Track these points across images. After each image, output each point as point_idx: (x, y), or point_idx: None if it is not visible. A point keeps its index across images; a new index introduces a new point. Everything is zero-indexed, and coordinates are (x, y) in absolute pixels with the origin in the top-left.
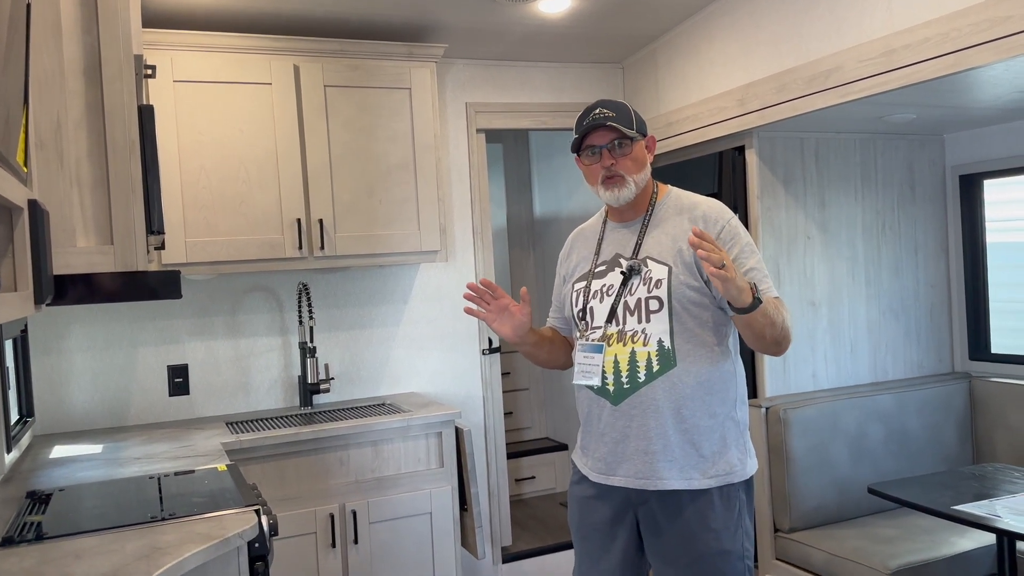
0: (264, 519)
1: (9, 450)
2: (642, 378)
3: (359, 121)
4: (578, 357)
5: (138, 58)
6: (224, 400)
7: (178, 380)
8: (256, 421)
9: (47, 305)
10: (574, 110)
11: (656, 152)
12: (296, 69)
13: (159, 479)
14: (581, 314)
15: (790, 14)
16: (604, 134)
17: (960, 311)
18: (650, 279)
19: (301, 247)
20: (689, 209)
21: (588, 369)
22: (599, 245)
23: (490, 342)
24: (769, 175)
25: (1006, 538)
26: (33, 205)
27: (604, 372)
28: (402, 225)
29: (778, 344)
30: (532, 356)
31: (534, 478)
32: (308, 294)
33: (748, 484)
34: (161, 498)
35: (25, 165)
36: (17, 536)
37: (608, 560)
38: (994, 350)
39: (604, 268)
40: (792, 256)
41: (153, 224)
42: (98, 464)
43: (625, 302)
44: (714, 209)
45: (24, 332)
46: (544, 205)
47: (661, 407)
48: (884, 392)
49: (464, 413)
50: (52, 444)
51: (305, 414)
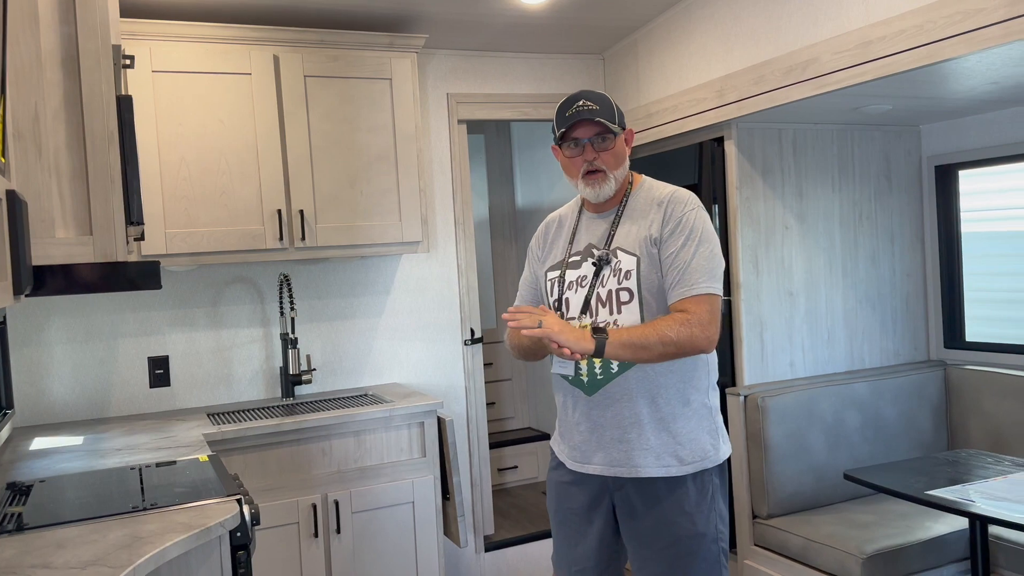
0: (246, 509)
1: None
2: (615, 369)
3: (340, 112)
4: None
5: (116, 48)
6: (205, 391)
7: (159, 372)
8: (238, 412)
9: (26, 296)
10: (555, 101)
11: (636, 143)
12: (276, 59)
13: (140, 470)
14: (557, 304)
15: (768, 6)
16: (588, 128)
17: (935, 300)
18: (620, 270)
19: (282, 238)
20: (657, 199)
21: (563, 360)
22: (573, 234)
23: (472, 332)
24: (747, 166)
25: (979, 522)
26: (11, 196)
27: (578, 363)
28: (383, 216)
29: (674, 356)
30: (532, 354)
31: (516, 468)
32: (289, 285)
33: (721, 468)
34: (143, 489)
35: (3, 156)
36: None
37: (585, 544)
38: (969, 338)
39: (578, 258)
40: (770, 246)
41: (132, 215)
42: (79, 455)
43: (597, 293)
44: (679, 199)
45: (2, 324)
46: (526, 196)
47: (635, 396)
48: (860, 380)
49: (447, 403)
50: (32, 436)
51: (287, 405)
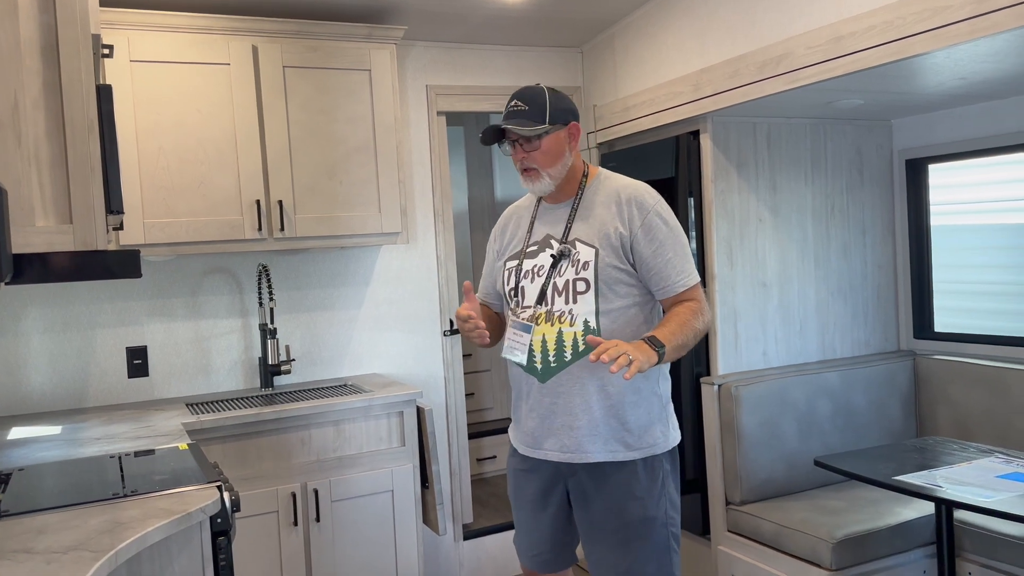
0: (226, 495)
1: None
2: (568, 357)
3: (319, 102)
4: (508, 333)
5: (96, 37)
6: (184, 381)
7: (137, 362)
8: (217, 402)
9: (6, 284)
10: None
11: (614, 136)
12: (255, 50)
13: (120, 458)
14: (513, 292)
15: (744, 0)
16: (513, 130)
17: (905, 291)
18: (578, 261)
19: (261, 229)
20: (616, 192)
21: (516, 346)
22: (532, 225)
23: (451, 323)
24: (723, 159)
25: (944, 507)
26: None
27: (532, 351)
28: (363, 207)
29: (696, 343)
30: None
31: (495, 457)
32: (268, 276)
33: (672, 455)
34: (123, 476)
35: None
36: None
37: (540, 530)
38: (937, 329)
39: (535, 248)
40: (744, 238)
41: (112, 204)
42: (58, 444)
43: (554, 283)
44: (639, 194)
45: None
46: (505, 188)
47: (587, 384)
48: (832, 369)
49: (426, 393)
50: (9, 426)
51: (266, 395)
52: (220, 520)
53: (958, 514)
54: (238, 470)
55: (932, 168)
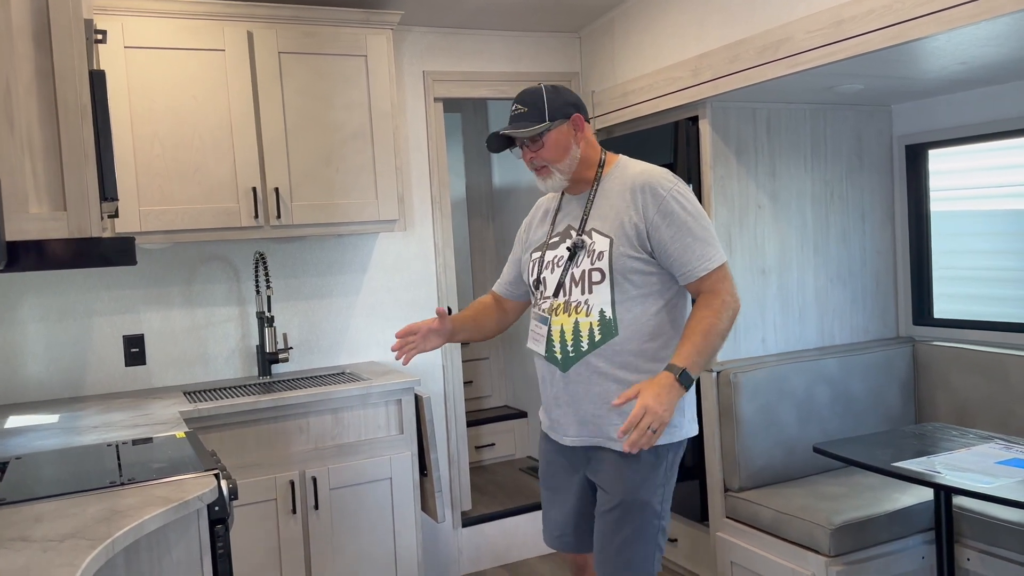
0: (224, 483)
1: None
2: (585, 347)
3: (315, 89)
4: (531, 324)
5: (88, 22)
6: (182, 370)
7: (134, 350)
8: (214, 390)
9: (1, 271)
10: (532, 79)
11: (613, 123)
12: (250, 35)
13: (117, 446)
14: (535, 283)
15: None
16: (512, 134)
17: (905, 278)
18: (594, 251)
19: (257, 216)
20: (631, 180)
21: (536, 337)
22: (556, 216)
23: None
24: (722, 145)
25: (943, 492)
26: None
27: (552, 341)
28: (359, 194)
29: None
30: (469, 340)
31: (494, 445)
32: (265, 264)
33: (679, 447)
34: (120, 465)
35: None
36: None
37: (564, 512)
38: (936, 315)
39: (557, 240)
40: (743, 225)
41: (106, 191)
42: (55, 433)
43: (571, 274)
44: (654, 180)
45: None
46: (503, 176)
47: (605, 374)
48: (830, 356)
49: (424, 381)
50: (6, 415)
51: (264, 383)
52: (218, 508)
53: (957, 500)
54: (236, 458)
55: (932, 153)
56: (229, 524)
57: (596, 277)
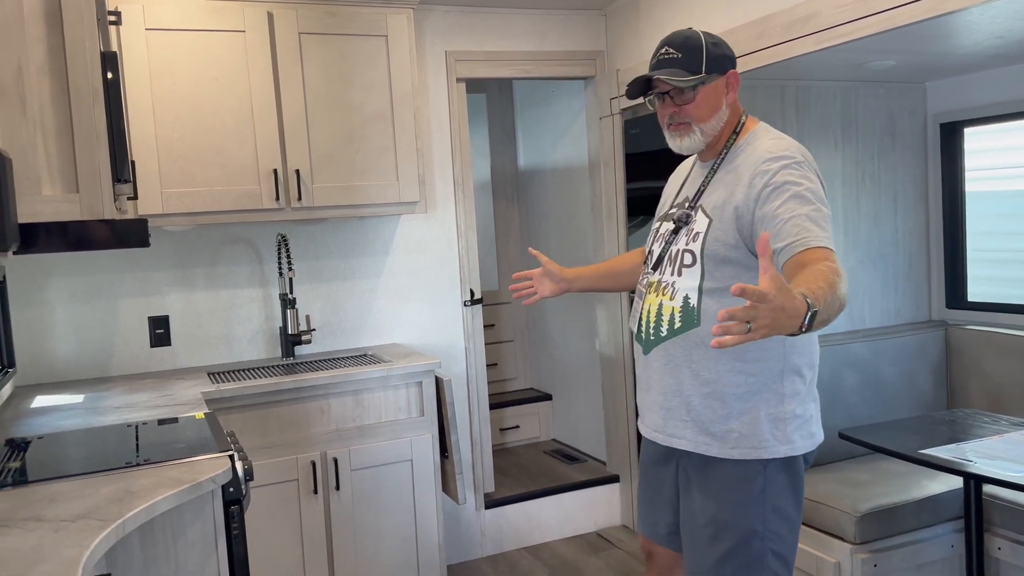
0: (239, 464)
1: None
2: (664, 333)
3: (335, 69)
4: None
5: (100, 3)
6: (206, 351)
7: (159, 331)
8: (238, 371)
9: (15, 253)
10: (556, 59)
11: (639, 100)
12: (270, 16)
13: (137, 427)
14: (647, 254)
15: None
16: (662, 81)
17: (938, 260)
18: (692, 230)
19: (278, 198)
20: (753, 156)
21: (633, 312)
22: (683, 184)
23: (472, 294)
24: None
25: (973, 481)
26: None
27: (641, 319)
28: (380, 176)
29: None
30: (596, 290)
31: (518, 427)
32: (287, 245)
33: (785, 463)
34: (138, 445)
35: None
36: None
37: (656, 501)
38: (971, 298)
39: (674, 211)
40: None
41: (119, 172)
42: (78, 413)
43: (671, 251)
44: (770, 155)
45: (2, 283)
46: (528, 157)
47: (680, 365)
48: (858, 340)
49: (447, 364)
50: (34, 394)
51: (287, 364)
52: (232, 489)
53: (988, 488)
54: (258, 439)
55: (968, 132)
56: (245, 505)
57: (687, 259)
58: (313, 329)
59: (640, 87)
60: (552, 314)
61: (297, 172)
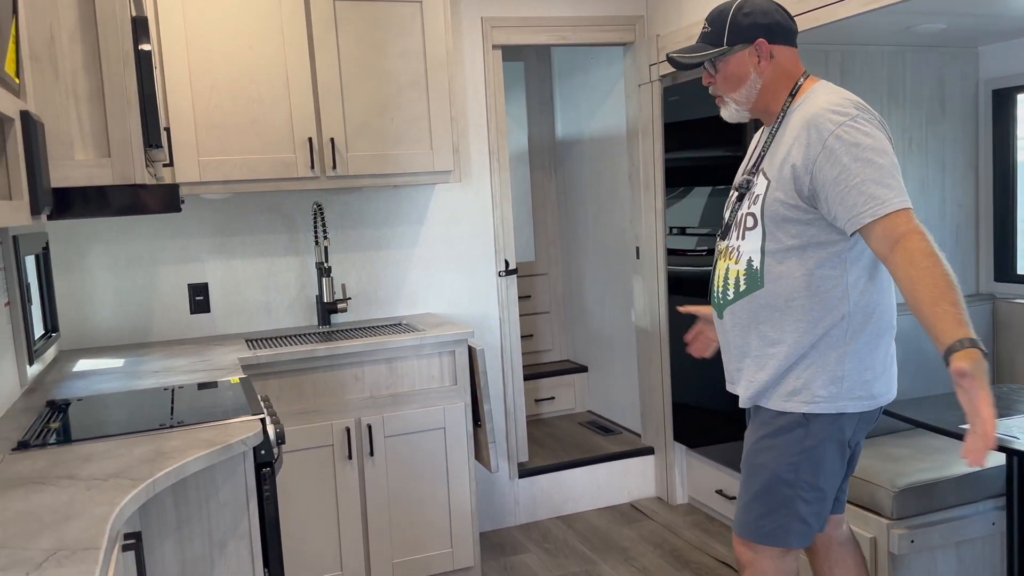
0: (270, 428)
1: (31, 363)
2: (731, 296)
3: (370, 37)
4: None
5: None
6: (245, 318)
7: (199, 298)
8: (275, 339)
9: (49, 218)
10: (595, 24)
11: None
12: None
13: (173, 391)
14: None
15: None
16: (676, 59)
17: (987, 231)
18: (753, 195)
19: (313, 167)
20: (810, 113)
21: (711, 279)
22: (753, 150)
23: (507, 264)
24: None
25: (1017, 457)
26: (25, 116)
27: (715, 283)
28: (414, 145)
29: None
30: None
31: (553, 398)
32: (322, 214)
33: (833, 419)
34: (173, 408)
35: (16, 76)
36: (33, 440)
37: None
38: (1020, 271)
39: (745, 177)
40: None
41: (151, 138)
42: (118, 377)
43: (737, 216)
44: (822, 115)
45: (46, 249)
46: (566, 127)
47: (748, 326)
48: (904, 313)
49: (481, 334)
50: (77, 358)
51: (323, 332)
52: (264, 452)
53: None
54: (294, 404)
55: (1021, 99)
56: (276, 468)
57: (749, 222)
58: (349, 298)
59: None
60: (589, 286)
61: (332, 141)
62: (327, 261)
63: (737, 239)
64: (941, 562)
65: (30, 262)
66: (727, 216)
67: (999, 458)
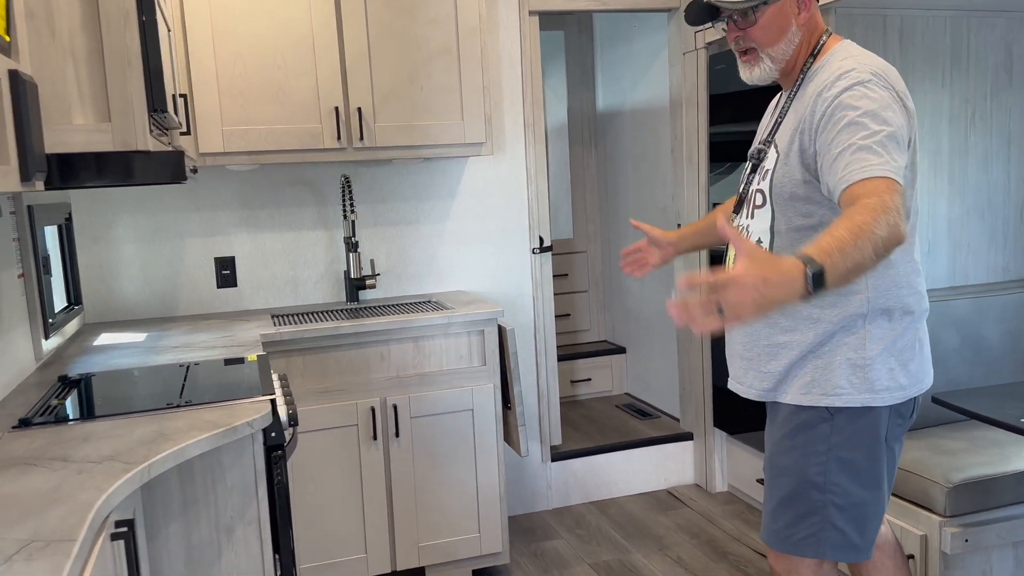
0: (282, 409)
1: (47, 336)
2: None
3: (399, 3)
4: None
5: None
6: (271, 293)
7: (225, 272)
8: (301, 315)
9: (46, 187)
10: None
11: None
12: None
13: (188, 368)
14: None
15: None
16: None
17: None
18: (763, 169)
19: (340, 137)
20: (825, 77)
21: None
22: (769, 117)
23: (541, 241)
24: None
25: None
26: (14, 76)
27: (725, 266)
28: (444, 115)
29: (883, 258)
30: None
31: (590, 380)
32: (350, 187)
33: (860, 413)
34: (184, 386)
35: (6, 33)
36: (35, 418)
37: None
38: None
39: (758, 147)
40: None
41: (155, 102)
42: (136, 352)
43: (748, 192)
44: (832, 79)
45: (68, 220)
46: (607, 98)
47: None
48: (961, 297)
49: (513, 312)
50: (100, 332)
51: (350, 309)
52: (274, 434)
53: None
54: (318, 382)
55: None
56: (289, 451)
57: (758, 200)
58: (377, 274)
59: (702, 13)
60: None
61: (359, 110)
62: (355, 236)
63: (747, 217)
64: (997, 563)
65: (51, 232)
66: (741, 189)
67: None
